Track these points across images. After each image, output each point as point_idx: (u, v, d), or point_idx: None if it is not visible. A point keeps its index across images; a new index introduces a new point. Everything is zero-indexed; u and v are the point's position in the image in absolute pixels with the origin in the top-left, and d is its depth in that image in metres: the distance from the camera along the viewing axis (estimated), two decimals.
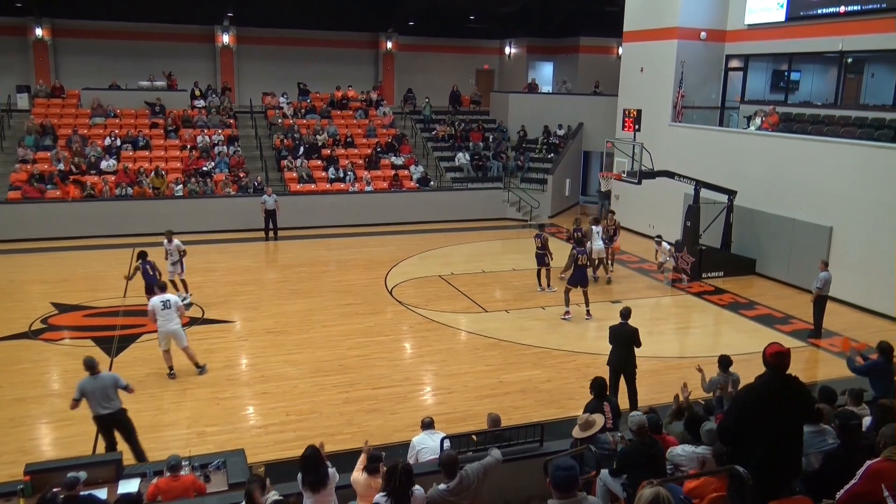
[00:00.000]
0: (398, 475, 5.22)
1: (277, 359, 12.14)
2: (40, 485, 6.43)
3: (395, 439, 9.17)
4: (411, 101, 29.80)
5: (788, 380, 5.16)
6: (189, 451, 8.11)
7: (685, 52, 20.84)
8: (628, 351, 10.00)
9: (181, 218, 21.10)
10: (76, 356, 12.14)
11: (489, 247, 21.14)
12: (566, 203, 26.84)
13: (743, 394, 5.42)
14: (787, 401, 5.06)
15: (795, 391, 5.15)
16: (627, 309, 10.31)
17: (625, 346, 9.99)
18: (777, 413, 4.98)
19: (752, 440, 5.03)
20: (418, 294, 15.93)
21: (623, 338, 10.00)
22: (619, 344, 10.04)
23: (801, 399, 5.24)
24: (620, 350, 10.03)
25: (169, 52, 28.34)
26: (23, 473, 6.70)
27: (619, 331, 10.07)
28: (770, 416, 4.98)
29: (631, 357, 10.05)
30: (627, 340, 9.99)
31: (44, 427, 9.88)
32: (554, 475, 4.61)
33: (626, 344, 9.98)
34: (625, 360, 10.03)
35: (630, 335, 10.01)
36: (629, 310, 10.31)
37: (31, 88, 25.91)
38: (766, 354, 5.17)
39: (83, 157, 22.41)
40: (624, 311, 10.23)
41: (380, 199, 23.65)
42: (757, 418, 5.03)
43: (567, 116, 27.36)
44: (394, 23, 30.60)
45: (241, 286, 16.39)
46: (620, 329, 10.08)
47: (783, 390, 5.08)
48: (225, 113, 26.16)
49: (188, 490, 6.47)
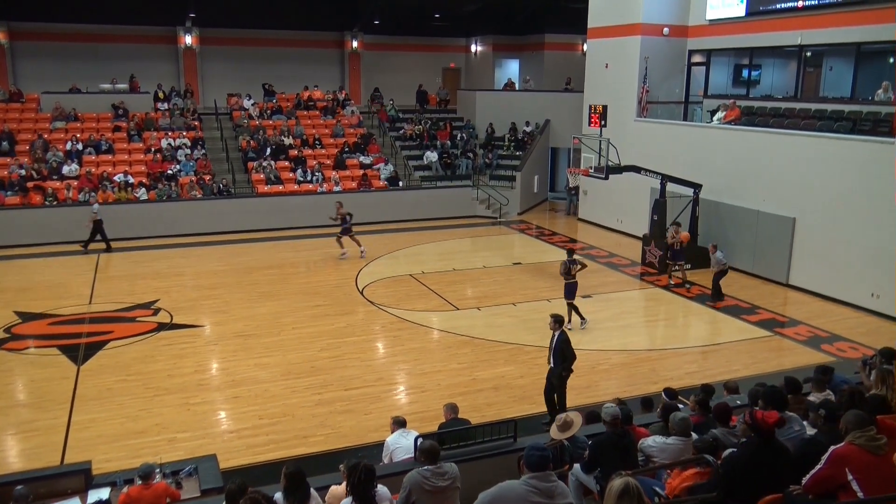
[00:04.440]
0: (359, 473, 5.17)
1: (248, 362, 12.03)
2: (7, 497, 6.29)
3: (370, 440, 9.16)
4: (378, 101, 29.71)
5: (775, 447, 5.02)
6: (160, 458, 8.03)
7: (649, 47, 21.07)
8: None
9: (147, 222, 20.85)
10: (42, 365, 11.94)
11: (459, 245, 21.18)
12: (535, 199, 26.98)
13: (730, 464, 5.11)
14: (773, 467, 4.92)
15: (781, 457, 5.01)
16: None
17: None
18: (764, 480, 4.87)
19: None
20: (389, 293, 15.90)
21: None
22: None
23: (788, 464, 5.06)
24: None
25: (131, 55, 27.88)
26: None
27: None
28: (757, 484, 4.85)
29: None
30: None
31: (10, 438, 9.67)
32: (528, 455, 4.69)
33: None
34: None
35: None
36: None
37: None
38: (756, 418, 5.02)
39: (44, 163, 21.96)
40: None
41: (348, 199, 23.46)
42: (745, 486, 4.88)
43: (534, 113, 27.51)
44: (359, 22, 30.48)
45: (210, 290, 16.21)
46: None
47: (770, 458, 4.95)
48: (189, 115, 25.83)
49: (160, 497, 6.38)
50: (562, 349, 9.81)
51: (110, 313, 14.51)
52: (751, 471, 4.91)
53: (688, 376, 11.44)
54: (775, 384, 6.90)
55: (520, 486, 4.69)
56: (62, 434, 9.54)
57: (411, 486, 5.56)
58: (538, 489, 4.65)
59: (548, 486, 4.69)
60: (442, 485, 5.60)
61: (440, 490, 5.60)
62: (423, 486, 5.55)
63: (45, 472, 7.45)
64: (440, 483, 5.60)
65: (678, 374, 11.63)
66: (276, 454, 8.93)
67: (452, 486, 5.66)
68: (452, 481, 5.66)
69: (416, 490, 5.56)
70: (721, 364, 12.16)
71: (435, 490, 5.58)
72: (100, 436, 9.49)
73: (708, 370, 11.80)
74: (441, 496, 5.58)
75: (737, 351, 12.82)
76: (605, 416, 6.24)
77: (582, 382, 11.14)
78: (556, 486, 4.76)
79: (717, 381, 9.72)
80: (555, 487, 4.73)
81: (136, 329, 13.58)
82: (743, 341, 13.30)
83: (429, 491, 5.56)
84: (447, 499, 5.62)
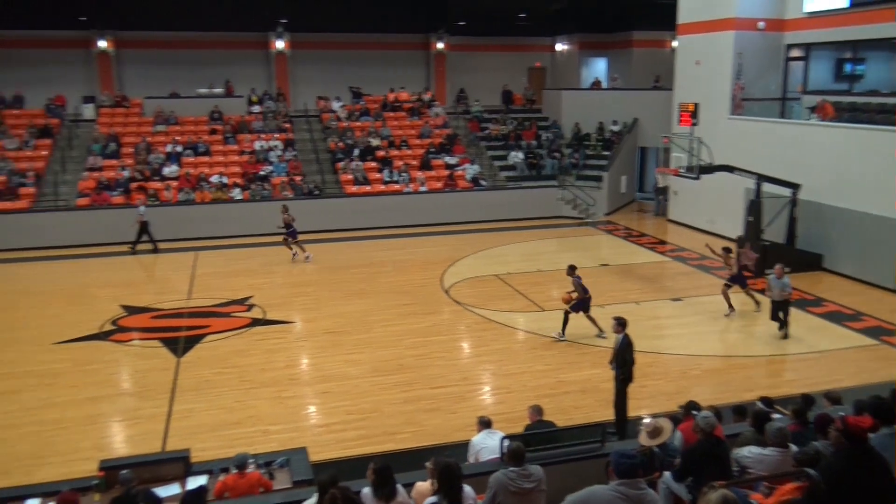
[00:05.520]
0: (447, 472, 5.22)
1: (337, 359, 12.30)
2: (114, 480, 6.65)
3: (455, 438, 9.20)
4: (463, 101, 29.84)
5: (872, 456, 4.73)
6: (254, 448, 8.31)
7: (742, 42, 20.33)
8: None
9: (241, 221, 21.62)
10: (145, 356, 12.57)
11: (545, 245, 21.01)
12: (622, 200, 26.49)
13: (825, 476, 4.84)
14: (871, 479, 4.61)
15: (880, 468, 4.71)
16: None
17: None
18: (862, 493, 4.60)
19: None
20: (474, 293, 15.93)
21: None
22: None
23: (889, 477, 4.74)
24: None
25: (226, 60, 29.02)
26: (97, 469, 6.94)
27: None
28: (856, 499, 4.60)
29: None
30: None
31: (116, 425, 10.23)
32: (617, 462, 4.61)
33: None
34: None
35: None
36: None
37: (95, 99, 26.81)
38: (848, 423, 4.78)
39: (147, 165, 23.13)
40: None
41: (434, 199, 23.75)
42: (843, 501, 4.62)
43: (621, 112, 27.00)
44: (444, 23, 30.68)
45: (300, 287, 16.68)
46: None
47: (866, 468, 4.67)
48: (281, 118, 26.66)
49: (254, 487, 6.61)
50: (622, 353, 9.52)
51: (207, 308, 15.13)
52: (847, 483, 4.65)
53: (786, 385, 10.99)
54: (882, 395, 6.53)
55: (608, 491, 4.63)
56: (163, 423, 10.01)
57: (497, 487, 5.56)
58: (627, 496, 4.58)
59: (637, 493, 4.61)
60: (527, 487, 5.58)
61: (525, 492, 5.58)
62: (508, 488, 5.54)
63: (148, 458, 7.85)
64: (526, 485, 5.58)
65: (775, 381, 11.20)
66: (363, 449, 9.09)
67: (538, 488, 5.63)
68: (538, 484, 5.63)
69: (501, 491, 5.55)
70: (822, 373, 11.59)
71: (520, 492, 5.57)
72: (198, 425, 9.91)
73: (808, 379, 11.26)
74: (526, 498, 5.56)
75: (840, 360, 12.20)
76: (701, 423, 6.05)
77: (671, 388, 10.86)
78: (646, 493, 4.66)
79: (818, 390, 9.27)
80: (644, 495, 4.64)
81: (232, 324, 14.11)
82: (847, 349, 12.64)
83: (514, 492, 5.55)
84: (532, 501, 5.60)
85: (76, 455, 9.03)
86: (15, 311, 14.95)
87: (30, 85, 26.11)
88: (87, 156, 23.48)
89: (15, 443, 9.45)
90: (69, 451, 9.22)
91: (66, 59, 27.66)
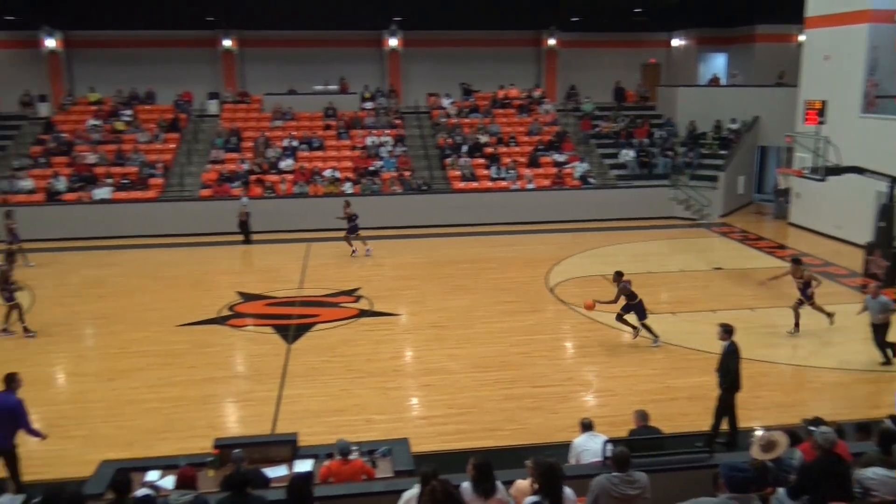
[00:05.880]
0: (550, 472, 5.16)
1: (441, 352, 12.42)
2: (227, 458, 6.97)
3: (556, 439, 9.08)
4: (574, 98, 29.42)
5: None
6: (356, 437, 8.50)
7: (878, 36, 19.02)
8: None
9: None
10: (258, 342, 13.12)
11: (655, 247, 20.42)
12: (739, 202, 25.38)
13: None
14: None
15: None
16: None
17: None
18: None
19: None
20: (580, 293, 15.66)
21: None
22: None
23: None
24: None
25: (341, 58, 29.83)
26: (212, 447, 7.29)
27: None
28: None
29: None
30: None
31: (230, 406, 10.74)
32: (729, 475, 4.44)
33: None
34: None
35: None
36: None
37: (219, 95, 28.24)
38: None
39: (264, 158, 24.14)
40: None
41: (541, 196, 23.56)
42: None
43: (741, 110, 25.84)
44: (557, 20, 30.30)
45: (407, 281, 16.95)
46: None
47: None
48: (392, 114, 27.17)
49: (357, 474, 6.76)
50: (726, 361, 9.03)
51: (318, 298, 15.63)
52: None
53: None
54: None
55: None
56: (273, 406, 10.42)
57: (599, 491, 5.46)
58: None
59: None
60: (631, 493, 5.45)
61: (628, 498, 5.46)
62: (611, 493, 5.43)
63: (258, 439, 8.20)
64: (629, 491, 5.45)
65: None
66: (464, 444, 9.13)
67: (642, 495, 5.49)
68: (642, 491, 5.49)
69: (603, 496, 5.45)
70: None
71: (623, 498, 5.45)
72: (305, 410, 10.25)
73: None
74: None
75: None
76: (820, 440, 5.70)
77: (787, 400, 10.34)
78: None
79: None
80: None
81: (340, 314, 14.52)
82: None
83: (617, 498, 5.44)
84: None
85: (192, 432, 9.54)
86: (144, 295, 15.96)
87: (161, 82, 27.88)
88: (211, 149, 24.79)
89: (138, 417, 10.09)
90: (186, 427, 9.75)
91: (194, 57, 29.25)
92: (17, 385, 7.87)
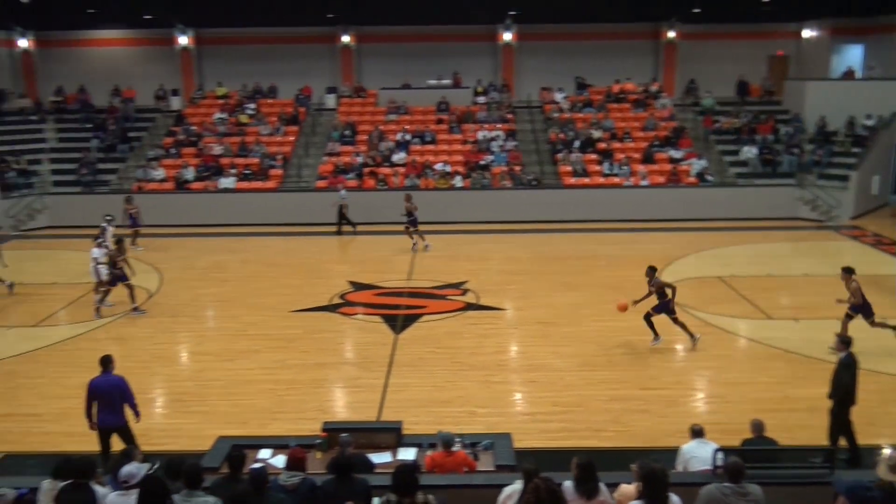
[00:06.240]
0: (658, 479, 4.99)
1: (546, 349, 12.31)
2: (334, 442, 7.18)
3: (663, 443, 8.79)
4: (693, 93, 28.35)
5: None
6: (459, 428, 8.55)
7: None
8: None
9: (461, 208, 22.34)
10: (367, 330, 13.44)
11: (777, 248, 19.41)
12: (873, 203, 23.70)
13: None
14: None
15: None
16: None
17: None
18: None
19: None
20: (694, 295, 15.10)
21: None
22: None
23: None
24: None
25: (455, 52, 29.99)
26: (321, 430, 7.52)
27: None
28: None
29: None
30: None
31: (338, 391, 11.08)
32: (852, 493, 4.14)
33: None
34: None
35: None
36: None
37: (337, 89, 29.07)
38: None
39: (378, 151, 24.67)
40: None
41: (655, 194, 22.88)
42: None
43: (879, 105, 24.11)
44: (677, 11, 29.24)
45: (514, 275, 16.89)
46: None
47: None
48: (504, 108, 27.11)
49: (459, 466, 6.79)
50: (839, 375, 8.48)
51: (425, 289, 15.84)
52: None
53: None
54: None
55: None
56: (379, 394, 10.64)
57: (709, 501, 5.26)
58: None
59: None
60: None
61: None
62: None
63: (365, 425, 8.42)
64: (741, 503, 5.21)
65: None
66: (567, 442, 9.00)
67: None
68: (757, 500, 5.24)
69: None
70: None
71: None
72: (410, 399, 10.41)
73: None
74: None
75: None
76: None
77: None
78: None
79: None
80: None
81: (447, 306, 14.65)
82: None
83: None
84: None
85: (303, 414, 9.88)
86: (261, 281, 16.69)
87: (282, 77, 29.00)
88: (327, 142, 25.59)
89: (253, 397, 10.56)
90: (297, 409, 10.12)
91: (314, 53, 30.21)
92: (112, 366, 8.32)
